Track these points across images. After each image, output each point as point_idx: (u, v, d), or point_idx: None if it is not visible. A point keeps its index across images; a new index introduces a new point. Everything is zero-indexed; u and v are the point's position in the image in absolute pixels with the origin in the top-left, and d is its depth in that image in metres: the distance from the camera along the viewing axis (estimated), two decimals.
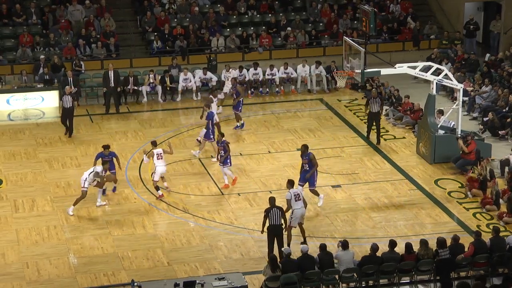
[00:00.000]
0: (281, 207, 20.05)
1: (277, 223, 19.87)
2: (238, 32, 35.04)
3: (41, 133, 28.54)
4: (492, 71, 31.88)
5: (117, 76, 30.45)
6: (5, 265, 20.41)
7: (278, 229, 19.93)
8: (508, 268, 19.52)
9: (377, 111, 27.51)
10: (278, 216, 19.85)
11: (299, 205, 20.72)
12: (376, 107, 27.45)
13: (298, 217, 20.72)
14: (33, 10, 34.24)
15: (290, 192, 20.70)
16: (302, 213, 20.80)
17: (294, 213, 20.66)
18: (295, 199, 20.65)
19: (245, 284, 18.23)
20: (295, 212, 20.65)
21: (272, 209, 19.89)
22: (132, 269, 20.17)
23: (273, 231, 19.95)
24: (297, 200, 20.70)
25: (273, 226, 19.92)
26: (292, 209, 20.63)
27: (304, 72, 32.71)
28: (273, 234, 19.96)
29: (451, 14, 37.29)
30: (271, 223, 19.89)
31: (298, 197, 20.74)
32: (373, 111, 27.49)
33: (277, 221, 19.86)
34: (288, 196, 20.68)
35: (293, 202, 20.61)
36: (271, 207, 19.95)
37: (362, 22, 25.60)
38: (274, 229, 19.93)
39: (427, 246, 19.24)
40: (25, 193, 24.12)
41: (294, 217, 20.66)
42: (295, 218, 20.68)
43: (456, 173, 25.22)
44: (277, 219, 19.84)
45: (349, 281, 19.14)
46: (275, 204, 19.97)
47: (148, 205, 23.44)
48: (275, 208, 19.90)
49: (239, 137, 28.05)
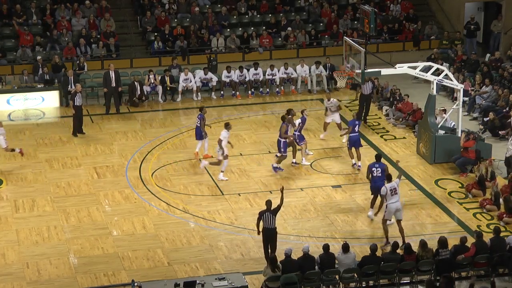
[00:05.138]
0: (274, 211, 19.97)
1: (270, 227, 19.88)
2: (239, 32, 35.06)
3: (41, 133, 28.55)
4: (493, 72, 31.89)
5: (118, 76, 30.46)
6: (5, 265, 20.41)
7: (271, 232, 19.95)
8: (508, 268, 19.55)
9: (368, 94, 28.62)
10: (271, 220, 19.86)
11: (394, 199, 20.86)
12: (367, 90, 28.51)
13: (392, 212, 20.90)
14: (33, 10, 34.27)
15: (386, 187, 20.93)
16: (397, 207, 20.89)
17: (388, 207, 20.87)
18: (391, 193, 20.84)
19: (245, 284, 18.25)
20: (389, 207, 20.86)
21: (265, 213, 19.87)
22: (132, 269, 20.18)
23: (267, 234, 19.97)
24: (393, 194, 20.88)
25: (266, 230, 19.93)
26: (386, 203, 20.90)
27: (304, 72, 32.74)
28: (267, 237, 19.99)
29: (451, 14, 37.30)
30: (264, 227, 19.91)
31: (394, 191, 20.92)
32: (364, 93, 28.49)
33: (271, 225, 19.87)
34: (384, 192, 20.92)
35: (388, 196, 20.82)
36: (265, 211, 19.93)
37: (363, 22, 25.62)
38: (267, 232, 19.95)
39: (426, 247, 19.25)
40: (25, 193, 24.12)
41: (388, 211, 20.92)
42: (389, 212, 20.91)
43: (456, 173, 25.25)
44: (270, 222, 19.85)
45: (349, 281, 19.15)
46: (270, 208, 19.95)
47: (148, 205, 23.44)
48: (269, 212, 19.89)
49: (239, 137, 28.05)
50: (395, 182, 21.23)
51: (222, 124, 27.72)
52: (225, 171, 25.01)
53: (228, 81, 32.37)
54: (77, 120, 28.24)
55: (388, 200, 20.92)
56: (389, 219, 21.17)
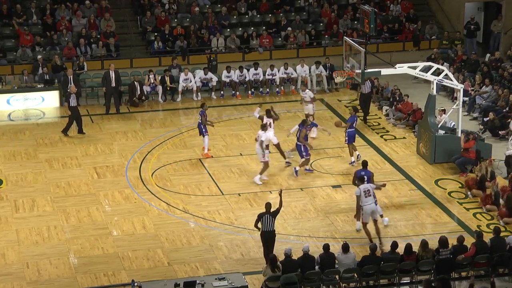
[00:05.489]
0: (274, 213, 19.97)
1: (269, 229, 19.87)
2: (239, 32, 35.06)
3: (41, 133, 28.54)
4: (493, 72, 31.89)
5: (118, 76, 30.46)
6: (5, 265, 20.41)
7: (270, 235, 19.96)
8: (508, 268, 19.54)
9: (368, 92, 29.14)
10: (271, 222, 19.85)
11: (369, 200, 20.93)
12: (367, 89, 29.08)
13: (368, 213, 20.99)
14: (33, 10, 34.27)
15: (360, 188, 21.10)
16: (371, 208, 21.01)
17: (364, 209, 20.97)
18: (365, 195, 20.99)
19: (245, 284, 18.24)
20: (365, 208, 20.96)
21: (265, 215, 19.86)
22: (132, 269, 20.17)
23: (265, 236, 19.97)
24: (367, 196, 21.01)
25: (264, 232, 19.92)
26: (362, 205, 21.00)
27: (304, 72, 32.74)
28: (266, 239, 19.99)
29: (452, 14, 37.30)
30: (263, 229, 19.90)
31: (368, 193, 21.05)
32: (364, 92, 29.08)
33: (269, 227, 19.86)
34: (358, 193, 21.09)
35: (362, 198, 20.98)
36: (264, 213, 19.91)
37: (363, 22, 25.62)
38: (265, 235, 19.94)
39: (427, 247, 19.24)
40: (25, 193, 24.11)
41: (364, 213, 21.02)
42: (366, 214, 21.01)
43: (456, 173, 25.24)
44: (269, 225, 19.85)
45: (349, 281, 19.15)
46: (269, 211, 19.94)
47: (148, 205, 23.44)
48: (268, 214, 19.88)
49: (239, 137, 28.05)
50: (369, 185, 21.35)
51: (222, 124, 27.78)
52: (227, 172, 25.04)
53: (228, 81, 32.38)
54: (72, 121, 28.20)
55: (363, 203, 20.96)
56: (367, 222, 21.13)
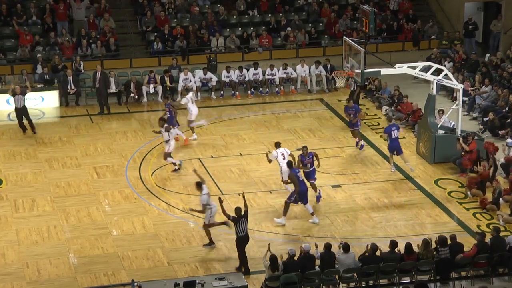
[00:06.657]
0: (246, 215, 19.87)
1: (246, 233, 19.87)
2: (238, 32, 35.05)
3: (41, 133, 28.53)
4: (493, 72, 31.88)
5: (105, 77, 30.44)
6: (5, 265, 20.41)
7: (247, 238, 19.97)
8: (508, 268, 19.55)
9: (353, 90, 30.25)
10: (245, 226, 19.83)
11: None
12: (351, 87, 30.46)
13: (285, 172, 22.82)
14: (33, 10, 34.25)
15: (277, 152, 23.19)
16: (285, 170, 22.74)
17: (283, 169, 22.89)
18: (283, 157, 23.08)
19: (245, 284, 18.25)
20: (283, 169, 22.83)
21: (241, 219, 19.77)
22: (132, 269, 20.18)
23: (243, 240, 19.93)
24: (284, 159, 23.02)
25: (242, 237, 19.88)
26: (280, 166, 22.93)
27: (304, 72, 32.74)
28: (242, 242, 19.96)
29: (451, 14, 37.30)
30: (240, 234, 19.83)
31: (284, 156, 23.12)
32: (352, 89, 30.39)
33: (246, 231, 19.85)
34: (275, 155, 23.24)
35: (280, 159, 23.07)
36: (240, 217, 19.80)
37: (362, 22, 25.60)
38: (243, 239, 19.91)
39: (428, 246, 19.24)
40: (25, 193, 24.11)
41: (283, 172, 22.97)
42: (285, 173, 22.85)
43: (456, 173, 25.25)
44: (245, 228, 19.83)
45: (349, 281, 19.16)
46: (241, 214, 19.82)
47: (148, 205, 23.44)
48: (244, 218, 19.83)
49: (239, 137, 28.05)
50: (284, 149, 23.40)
51: (222, 124, 27.78)
52: (226, 172, 25.08)
53: (228, 81, 32.37)
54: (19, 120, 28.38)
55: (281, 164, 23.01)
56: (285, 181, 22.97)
